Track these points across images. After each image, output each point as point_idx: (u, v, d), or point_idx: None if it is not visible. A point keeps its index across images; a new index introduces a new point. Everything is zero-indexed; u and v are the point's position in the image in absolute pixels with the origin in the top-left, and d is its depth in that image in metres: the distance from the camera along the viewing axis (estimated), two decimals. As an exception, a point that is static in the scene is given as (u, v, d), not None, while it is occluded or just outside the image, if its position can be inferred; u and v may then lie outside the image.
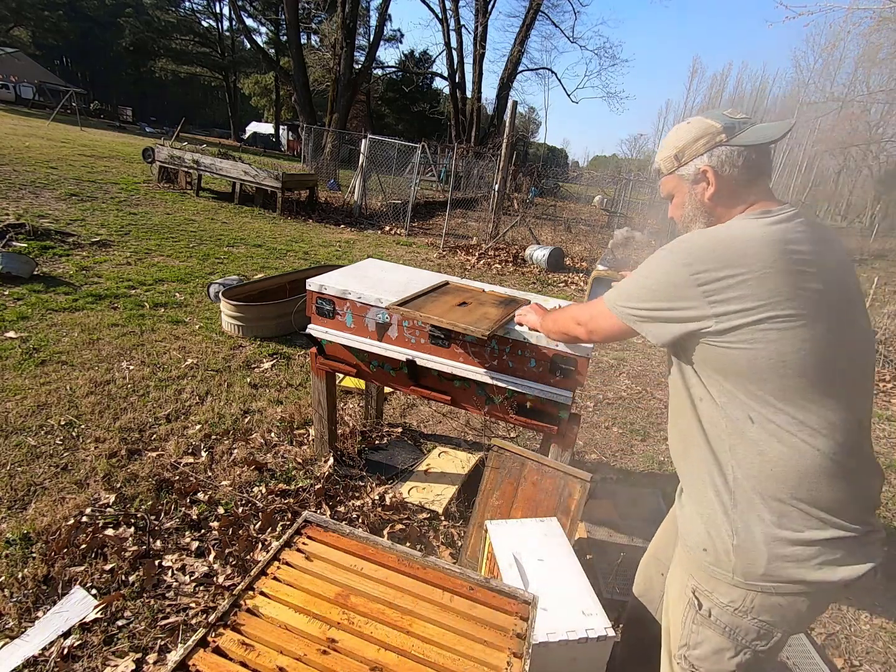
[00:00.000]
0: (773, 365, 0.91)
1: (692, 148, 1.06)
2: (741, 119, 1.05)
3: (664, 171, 1.13)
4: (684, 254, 0.99)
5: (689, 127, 1.08)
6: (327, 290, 2.19)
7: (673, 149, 1.10)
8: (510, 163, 10.41)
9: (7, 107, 24.78)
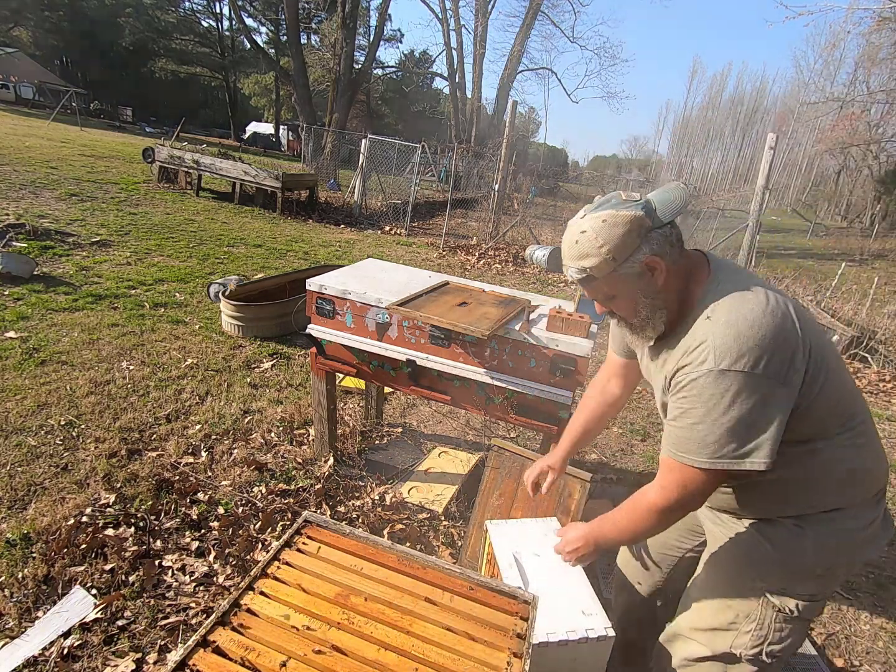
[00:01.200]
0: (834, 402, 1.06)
1: (626, 243, 0.99)
2: (643, 199, 1.02)
3: (598, 275, 1.03)
4: (742, 361, 0.94)
5: (607, 224, 0.98)
6: (327, 290, 2.19)
7: (603, 252, 0.99)
8: (510, 163, 10.41)
9: (7, 107, 24.78)
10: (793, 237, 19.86)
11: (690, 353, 1.01)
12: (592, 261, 1.01)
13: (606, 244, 0.99)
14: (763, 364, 0.94)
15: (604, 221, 0.99)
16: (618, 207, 1.00)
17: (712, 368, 0.96)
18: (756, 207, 9.26)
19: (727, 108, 47.26)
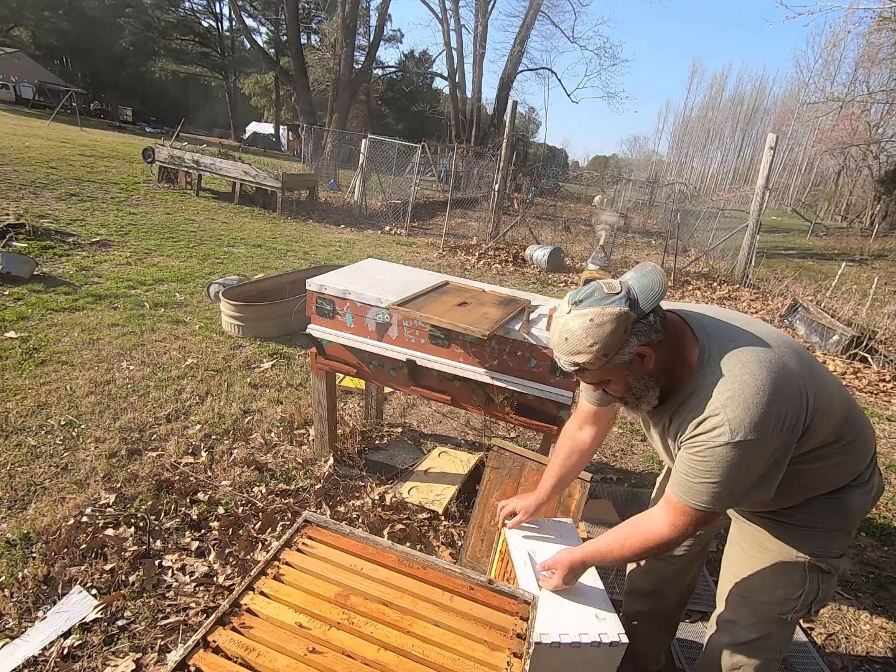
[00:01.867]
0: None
1: (615, 340, 1.02)
2: (623, 289, 1.05)
3: (590, 368, 1.07)
4: (756, 430, 1.02)
5: (594, 324, 1.01)
6: (327, 290, 2.19)
7: (594, 349, 1.02)
8: (510, 163, 10.41)
9: (7, 107, 24.77)
10: (793, 237, 19.86)
11: (702, 424, 1.06)
12: (584, 357, 1.04)
13: (596, 342, 1.02)
14: (772, 426, 1.02)
15: (591, 321, 1.02)
16: (602, 303, 1.02)
17: (729, 441, 1.02)
18: (756, 207, 9.26)
19: (727, 108, 47.28)
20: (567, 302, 1.08)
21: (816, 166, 34.71)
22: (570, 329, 1.04)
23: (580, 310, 1.04)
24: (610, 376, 1.11)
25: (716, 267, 10.41)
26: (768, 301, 8.20)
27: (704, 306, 1.29)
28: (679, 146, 52.20)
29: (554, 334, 1.09)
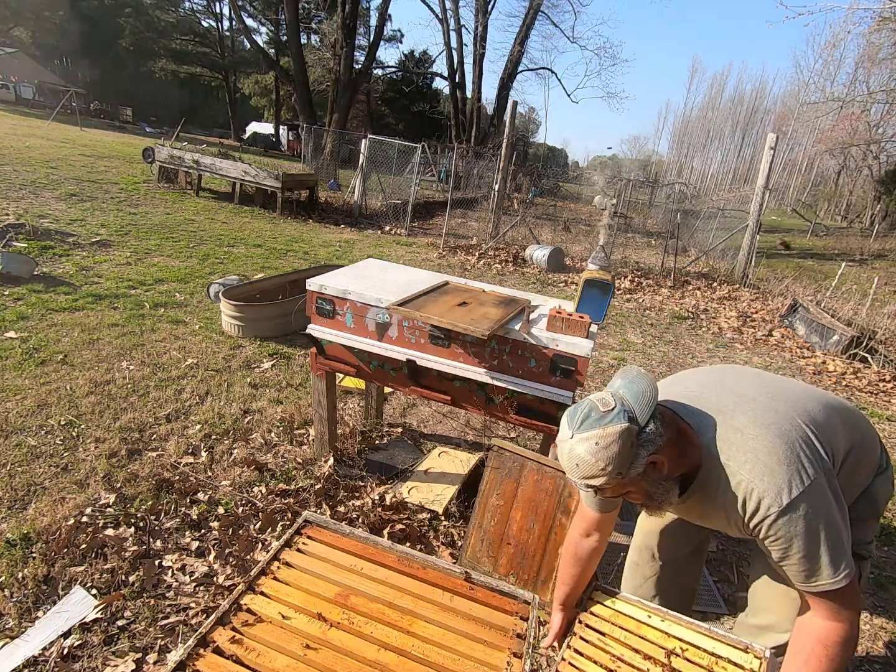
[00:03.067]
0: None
1: (626, 457, 1.02)
2: (617, 404, 1.05)
3: (607, 486, 1.06)
4: (793, 484, 1.04)
5: (600, 447, 1.01)
6: (327, 290, 2.19)
7: (607, 471, 1.02)
8: (510, 163, 10.41)
9: (7, 107, 24.77)
10: (793, 237, 19.86)
11: (747, 508, 1.07)
12: (599, 480, 1.03)
13: (608, 464, 1.01)
14: (804, 472, 1.05)
15: (596, 444, 1.01)
16: (601, 423, 1.02)
17: (780, 507, 1.03)
18: (756, 207, 9.26)
19: (727, 109, 47.27)
20: (567, 426, 1.07)
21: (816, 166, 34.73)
22: (579, 455, 1.03)
23: (582, 433, 1.03)
24: (629, 488, 1.11)
25: (716, 267, 10.41)
26: (768, 301, 8.20)
27: (672, 378, 1.39)
28: (679, 146, 52.21)
29: (563, 460, 1.08)
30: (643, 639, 1.19)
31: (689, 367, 5.06)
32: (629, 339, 5.65)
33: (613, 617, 1.29)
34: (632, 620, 1.26)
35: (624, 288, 8.15)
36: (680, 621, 1.26)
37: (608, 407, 1.04)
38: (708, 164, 49.45)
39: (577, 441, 1.03)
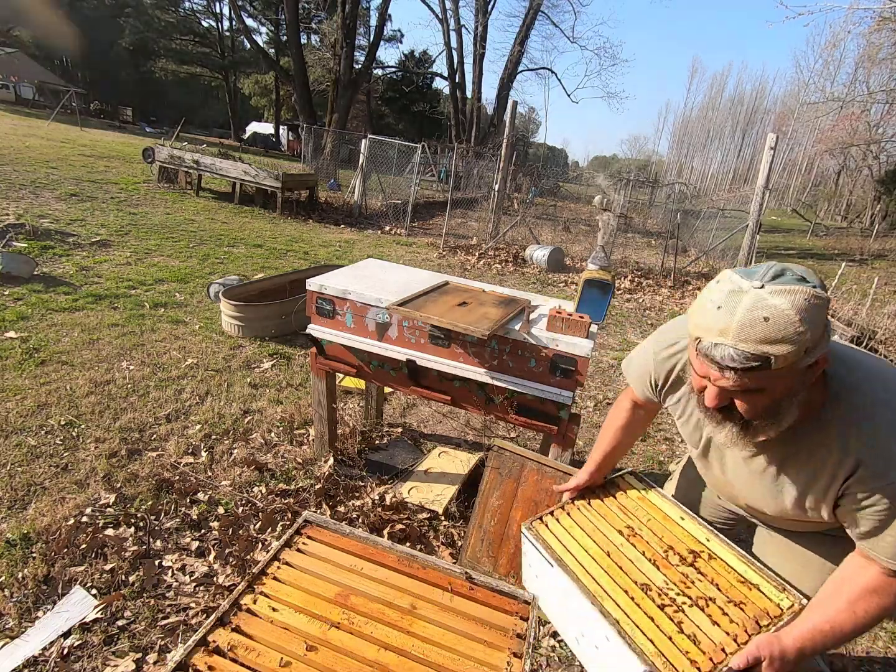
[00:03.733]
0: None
1: (820, 332, 0.80)
2: (814, 279, 0.84)
3: (774, 366, 0.79)
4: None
5: (809, 306, 0.77)
6: (327, 290, 2.19)
7: (802, 339, 0.77)
8: (510, 163, 10.41)
9: (7, 107, 24.77)
10: (793, 237, 19.86)
11: (857, 465, 0.90)
12: (785, 348, 0.77)
13: (809, 331, 0.77)
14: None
15: (806, 300, 0.77)
16: (806, 284, 0.80)
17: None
18: (756, 207, 9.26)
19: (727, 109, 47.28)
20: (744, 277, 0.82)
21: (816, 166, 34.73)
22: (775, 307, 0.77)
23: (779, 286, 0.79)
24: (771, 386, 0.84)
25: (716, 267, 10.41)
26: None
27: None
28: (679, 146, 52.22)
29: (737, 313, 0.79)
30: (668, 531, 1.16)
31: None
32: (629, 339, 5.65)
33: (641, 501, 1.25)
34: (660, 512, 1.22)
35: (624, 288, 8.15)
36: (717, 535, 1.18)
37: (803, 274, 0.82)
38: (708, 164, 49.46)
39: (773, 293, 0.78)
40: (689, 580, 1.05)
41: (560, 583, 1.10)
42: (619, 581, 1.05)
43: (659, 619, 0.96)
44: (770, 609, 0.99)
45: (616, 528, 1.17)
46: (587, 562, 1.10)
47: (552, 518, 1.19)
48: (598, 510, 1.23)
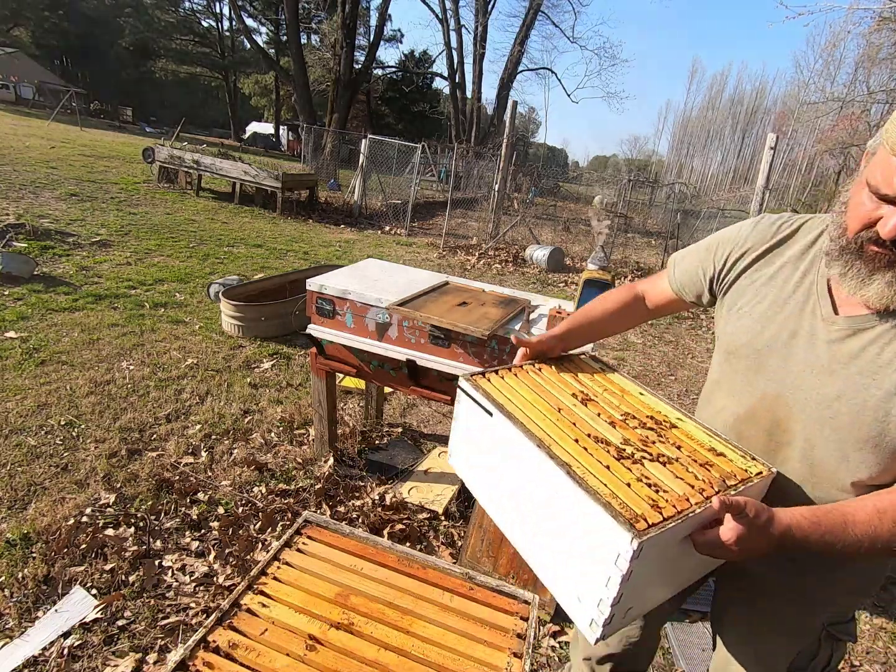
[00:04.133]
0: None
1: None
2: None
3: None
4: None
5: None
6: (327, 290, 2.19)
7: None
8: (510, 163, 10.41)
9: (7, 107, 24.78)
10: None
11: None
12: None
13: None
14: None
15: None
16: None
17: None
18: (756, 207, 9.26)
19: (727, 109, 47.28)
20: None
21: (816, 166, 34.71)
22: None
23: None
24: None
25: (716, 267, 10.40)
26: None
27: None
28: (679, 146, 52.22)
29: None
30: (627, 401, 1.05)
31: (689, 367, 5.06)
32: (629, 339, 5.65)
33: (598, 376, 1.13)
34: (618, 386, 1.11)
35: (624, 288, 8.14)
36: (678, 409, 1.07)
37: None
38: (708, 165, 49.46)
39: None
40: (650, 441, 0.92)
41: (499, 434, 0.94)
42: (569, 433, 0.90)
43: (615, 468, 0.83)
44: (737, 472, 0.88)
45: (569, 392, 1.04)
46: (534, 413, 0.94)
47: (496, 376, 1.05)
48: (549, 376, 1.09)
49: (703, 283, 1.08)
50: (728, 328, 1.02)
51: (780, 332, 0.92)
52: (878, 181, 0.74)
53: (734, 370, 1.00)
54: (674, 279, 1.14)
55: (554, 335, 1.16)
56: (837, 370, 0.85)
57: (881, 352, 0.82)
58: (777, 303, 0.93)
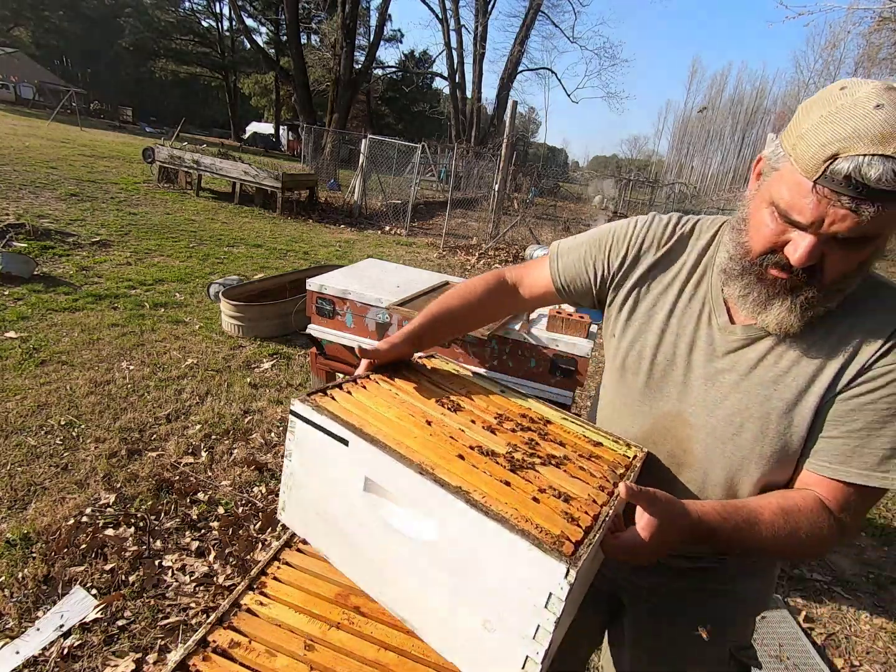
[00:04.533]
0: None
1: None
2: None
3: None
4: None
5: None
6: (327, 290, 2.19)
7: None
8: (510, 163, 10.41)
9: (7, 107, 24.78)
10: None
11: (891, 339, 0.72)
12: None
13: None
14: None
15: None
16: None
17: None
18: (756, 207, 9.24)
19: (727, 109, 47.29)
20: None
21: (816, 166, 34.61)
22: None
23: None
24: (890, 230, 0.67)
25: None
26: (768, 301, 8.19)
27: None
28: (679, 146, 52.24)
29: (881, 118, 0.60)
30: (493, 402, 0.95)
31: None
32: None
33: (455, 377, 1.02)
34: (478, 386, 1.01)
35: (624, 288, 8.15)
36: (539, 399, 1.00)
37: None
38: (708, 165, 49.48)
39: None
40: (533, 442, 0.85)
41: (360, 466, 0.76)
42: (451, 449, 0.77)
43: (516, 483, 0.72)
44: (620, 460, 0.85)
45: (433, 400, 0.90)
46: (402, 432, 0.79)
47: (342, 392, 0.87)
48: (405, 384, 0.94)
49: (591, 283, 0.97)
50: (623, 342, 0.93)
51: (677, 345, 0.86)
52: (786, 204, 0.67)
53: (629, 388, 0.92)
54: (557, 273, 1.00)
55: (404, 336, 0.99)
56: (738, 382, 0.81)
57: (779, 360, 0.79)
58: (674, 313, 0.87)
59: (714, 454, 0.84)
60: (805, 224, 0.66)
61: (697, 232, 0.93)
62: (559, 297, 1.04)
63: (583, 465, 0.82)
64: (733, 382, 0.81)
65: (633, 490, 0.67)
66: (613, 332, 0.96)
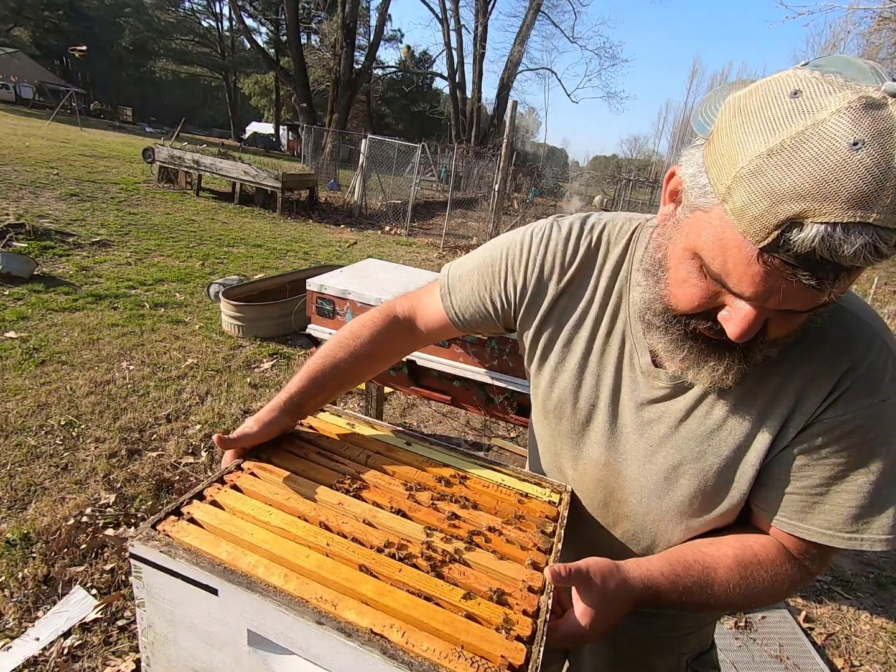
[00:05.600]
0: None
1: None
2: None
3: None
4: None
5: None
6: (327, 290, 2.19)
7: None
8: (510, 163, 10.42)
9: (7, 107, 24.78)
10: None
11: (846, 376, 0.61)
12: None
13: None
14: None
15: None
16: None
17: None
18: (756, 207, 9.24)
19: (727, 108, 47.25)
20: (873, 75, 0.44)
21: (817, 166, 34.63)
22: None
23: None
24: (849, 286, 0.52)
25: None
26: (768, 301, 8.20)
27: None
28: (679, 146, 52.20)
29: (875, 150, 0.41)
30: (401, 464, 0.84)
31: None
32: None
33: (350, 438, 0.89)
34: (380, 444, 0.89)
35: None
36: (454, 448, 0.90)
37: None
38: (708, 164, 49.36)
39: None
40: (454, 516, 0.74)
41: (238, 620, 0.58)
42: (355, 559, 0.63)
43: (438, 591, 0.61)
44: (546, 510, 0.78)
45: (326, 483, 0.76)
46: (288, 552, 0.63)
47: (203, 504, 0.69)
48: (286, 468, 0.78)
49: (493, 318, 0.88)
50: (541, 382, 0.84)
51: (599, 388, 0.76)
52: (719, 268, 0.52)
53: (556, 432, 0.82)
54: (453, 311, 0.88)
55: (279, 409, 0.81)
56: (668, 435, 0.71)
57: (710, 412, 0.68)
58: (592, 351, 0.76)
59: (650, 508, 0.75)
60: (745, 297, 0.52)
61: (606, 244, 0.77)
62: (463, 331, 0.93)
63: (510, 537, 0.72)
64: (663, 435, 0.71)
65: (561, 576, 0.60)
66: (529, 368, 0.86)
